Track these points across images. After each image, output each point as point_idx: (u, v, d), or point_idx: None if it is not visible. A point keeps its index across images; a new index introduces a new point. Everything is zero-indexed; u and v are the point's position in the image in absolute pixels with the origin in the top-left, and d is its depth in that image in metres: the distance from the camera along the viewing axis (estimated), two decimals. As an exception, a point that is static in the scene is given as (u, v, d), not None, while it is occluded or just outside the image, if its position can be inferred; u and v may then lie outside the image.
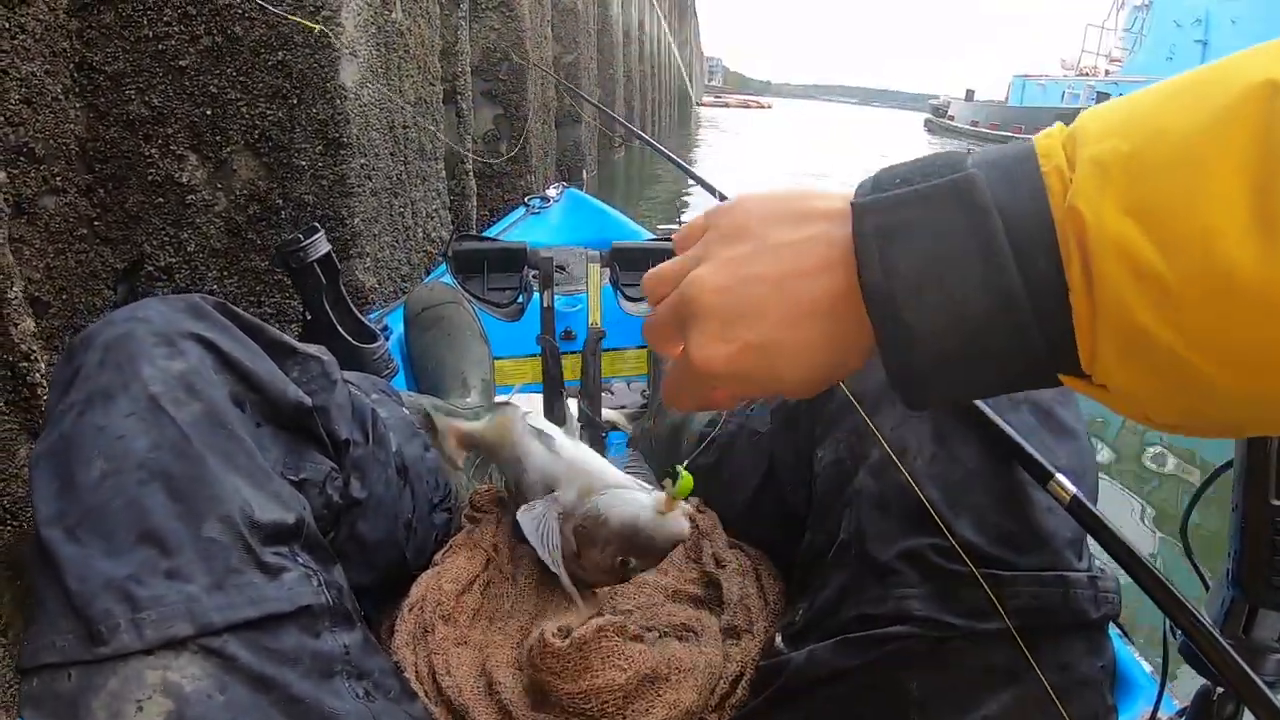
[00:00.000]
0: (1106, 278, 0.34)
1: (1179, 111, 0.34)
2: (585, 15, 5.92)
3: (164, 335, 0.61)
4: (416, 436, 0.94)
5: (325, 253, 1.19)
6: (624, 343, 1.75)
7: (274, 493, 0.61)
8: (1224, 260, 0.31)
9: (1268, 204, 0.30)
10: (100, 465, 0.54)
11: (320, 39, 1.55)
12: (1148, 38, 17.56)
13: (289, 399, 0.68)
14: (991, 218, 0.37)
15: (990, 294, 0.36)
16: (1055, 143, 0.37)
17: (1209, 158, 0.32)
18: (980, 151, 0.40)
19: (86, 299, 1.48)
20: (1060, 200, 0.35)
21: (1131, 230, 0.33)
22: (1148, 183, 0.33)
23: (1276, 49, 0.33)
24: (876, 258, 0.39)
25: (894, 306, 0.38)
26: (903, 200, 0.39)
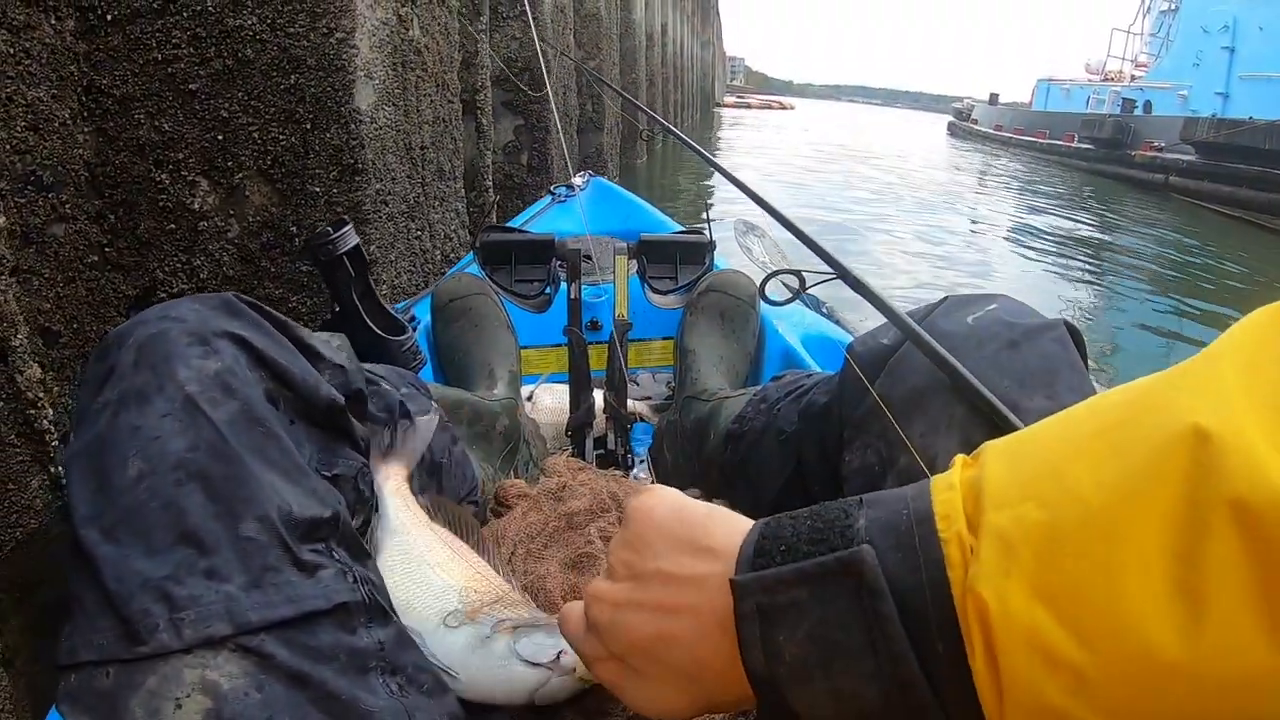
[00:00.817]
0: (1016, 667, 0.31)
1: (1096, 466, 0.32)
2: (608, 20, 5.89)
3: (198, 334, 0.61)
4: (445, 430, 0.95)
5: (354, 245, 1.18)
6: (650, 334, 1.74)
7: (310, 489, 0.61)
8: (1144, 641, 0.29)
9: (1191, 576, 0.29)
10: (137, 465, 0.54)
11: (334, 60, 1.50)
12: (1174, 43, 17.32)
13: (322, 396, 0.68)
14: (883, 601, 0.35)
15: (884, 683, 0.35)
16: (955, 498, 0.35)
17: (1127, 526, 0.30)
18: (875, 504, 0.38)
19: (98, 327, 1.45)
20: (960, 575, 0.33)
21: (1042, 617, 0.31)
22: (1059, 562, 0.31)
23: (1198, 378, 0.32)
24: (758, 641, 0.38)
25: (777, 693, 0.37)
26: (783, 579, 0.37)
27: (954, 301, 0.79)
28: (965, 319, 0.74)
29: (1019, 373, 0.67)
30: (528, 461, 1.27)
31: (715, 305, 1.47)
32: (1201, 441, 0.29)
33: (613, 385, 1.39)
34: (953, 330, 0.73)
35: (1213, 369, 0.32)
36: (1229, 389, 0.31)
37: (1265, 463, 0.28)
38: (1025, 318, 0.73)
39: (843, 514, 0.39)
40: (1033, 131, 20.48)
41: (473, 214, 2.70)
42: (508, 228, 1.88)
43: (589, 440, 1.37)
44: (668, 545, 0.46)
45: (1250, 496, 0.28)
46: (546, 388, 1.59)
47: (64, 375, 1.37)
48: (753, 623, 0.38)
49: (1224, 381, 0.31)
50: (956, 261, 6.11)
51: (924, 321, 0.75)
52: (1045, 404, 0.64)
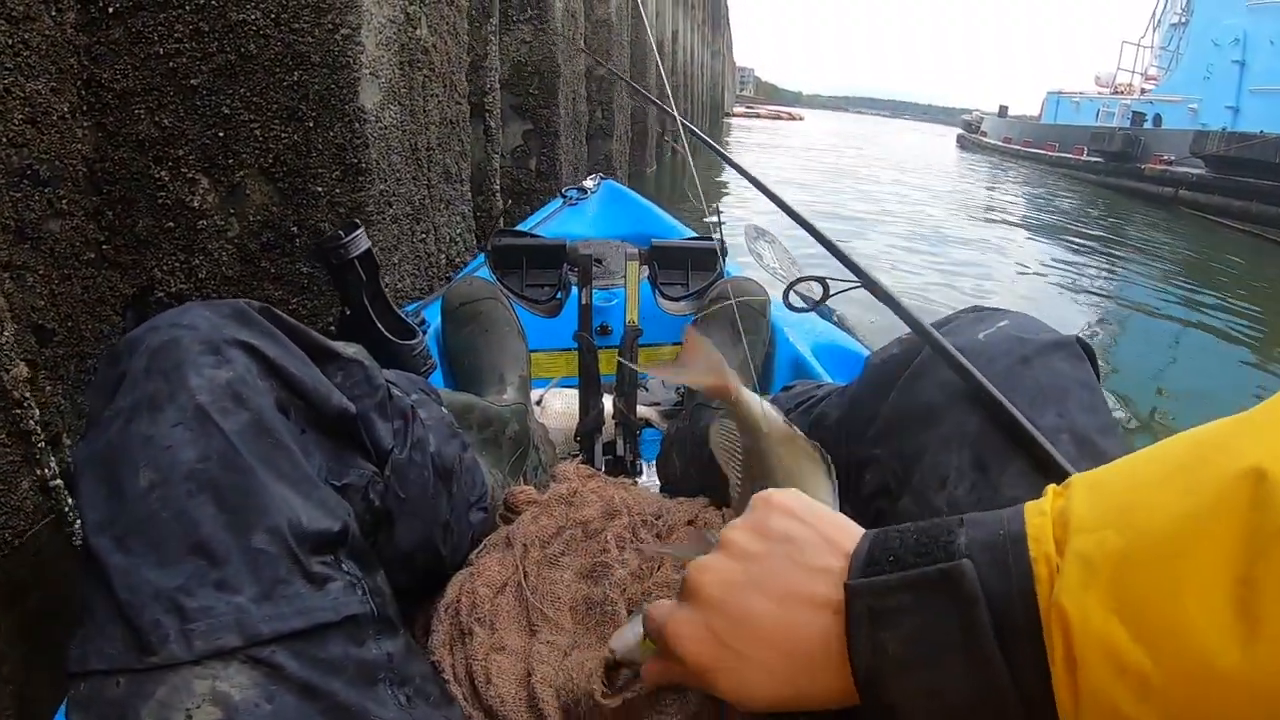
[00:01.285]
0: (1090, 672, 0.35)
1: (1166, 501, 0.36)
2: (619, 27, 5.87)
3: (210, 343, 0.60)
4: (455, 437, 0.94)
5: (366, 249, 1.18)
6: (660, 339, 1.74)
7: (320, 501, 0.61)
8: (1206, 655, 0.32)
9: (1250, 596, 0.32)
10: (148, 475, 0.54)
11: (339, 57, 1.48)
12: (1185, 57, 17.29)
13: (333, 405, 0.68)
14: (978, 608, 0.39)
15: (974, 682, 0.39)
16: (1045, 523, 0.39)
17: (1193, 553, 0.34)
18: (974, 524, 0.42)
19: (94, 326, 1.42)
20: (1047, 590, 0.38)
21: (1116, 628, 0.35)
22: (1133, 581, 0.35)
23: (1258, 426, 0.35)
24: (866, 638, 0.42)
25: (879, 685, 0.41)
26: (892, 587, 0.42)
27: (966, 317, 0.79)
28: (977, 334, 0.74)
29: (1030, 390, 0.67)
30: (537, 467, 1.26)
31: (726, 313, 1.45)
32: (1260, 480, 0.33)
33: (622, 391, 1.39)
34: (964, 345, 0.72)
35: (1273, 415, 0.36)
36: None
37: None
38: (1037, 334, 0.73)
39: (946, 531, 0.43)
40: (1042, 144, 20.47)
41: (479, 218, 2.67)
42: (519, 231, 1.89)
43: (598, 445, 1.38)
44: (803, 536, 0.49)
45: None
46: (556, 392, 1.60)
47: (58, 374, 1.34)
48: (863, 623, 0.42)
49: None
50: (964, 273, 6.08)
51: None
52: (1056, 421, 0.65)
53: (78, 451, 0.58)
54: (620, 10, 5.98)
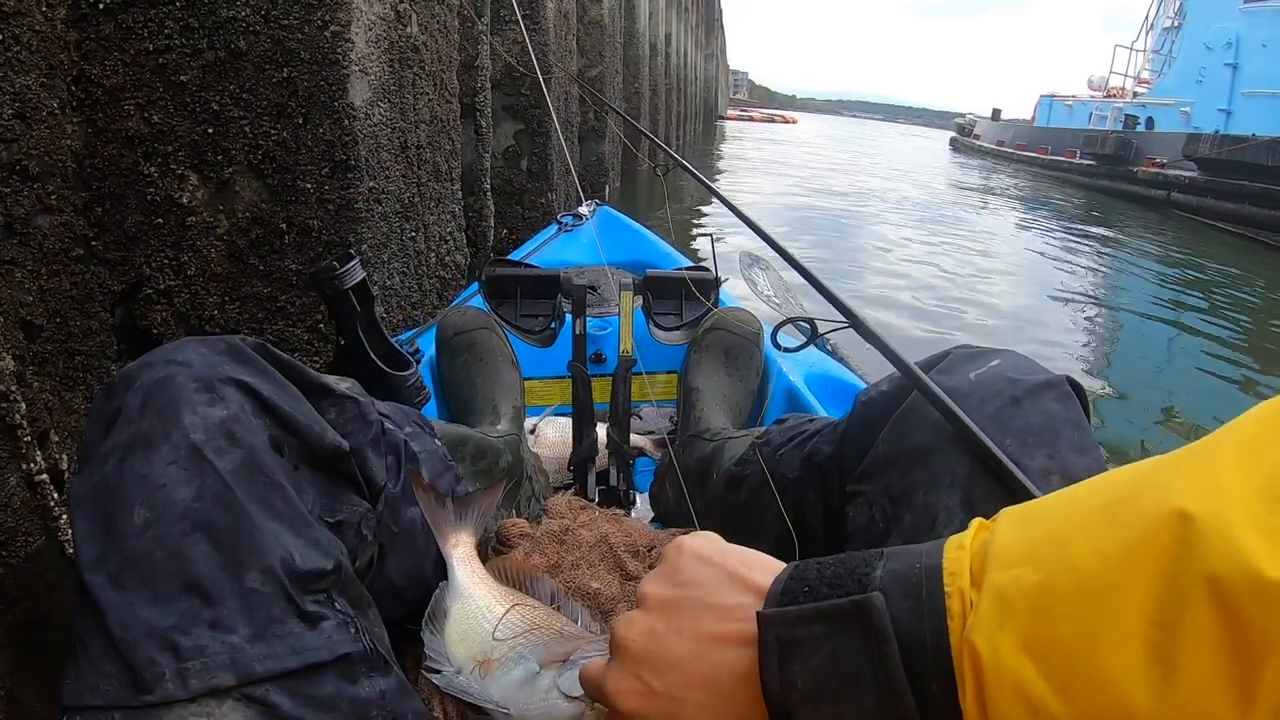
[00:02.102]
0: (1001, 713, 0.35)
1: (1091, 539, 0.35)
2: (612, 28, 5.88)
3: (204, 380, 0.61)
4: (449, 470, 0.96)
5: (360, 280, 1.18)
6: (654, 368, 1.74)
7: (313, 540, 0.61)
8: (1121, 701, 0.32)
9: (1167, 641, 0.32)
10: (143, 513, 0.55)
11: (328, 54, 1.48)
12: (1177, 60, 17.31)
13: (327, 442, 0.69)
14: (888, 644, 0.39)
15: (883, 717, 0.38)
16: (964, 557, 0.39)
17: (1112, 594, 0.33)
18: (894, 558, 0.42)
19: (82, 322, 1.42)
20: (959, 625, 0.37)
21: (1029, 670, 0.34)
22: (1049, 621, 0.35)
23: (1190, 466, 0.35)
24: (776, 669, 0.42)
25: (788, 716, 0.41)
26: (803, 617, 0.42)
27: (958, 355, 0.79)
28: (968, 374, 0.75)
29: (1020, 431, 0.68)
30: (530, 497, 1.26)
31: (719, 343, 1.47)
32: (1185, 523, 0.32)
33: (616, 421, 1.39)
34: (955, 386, 0.73)
35: (1211, 454, 0.35)
36: (1222, 474, 0.33)
37: (1242, 544, 0.31)
38: (1027, 374, 0.73)
39: (863, 563, 0.43)
40: (1035, 147, 20.51)
41: (470, 218, 2.67)
42: (513, 261, 1.88)
43: (592, 475, 1.37)
44: (712, 579, 0.50)
45: (1225, 575, 0.31)
46: (550, 420, 1.60)
47: (45, 370, 1.34)
48: (773, 652, 0.42)
49: (1219, 466, 0.34)
50: (956, 280, 6.09)
51: (928, 374, 0.76)
52: (1046, 463, 0.65)
53: (73, 485, 0.58)
54: (613, 12, 5.99)
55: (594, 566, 0.96)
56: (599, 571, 0.96)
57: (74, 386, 1.39)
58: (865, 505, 0.78)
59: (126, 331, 1.49)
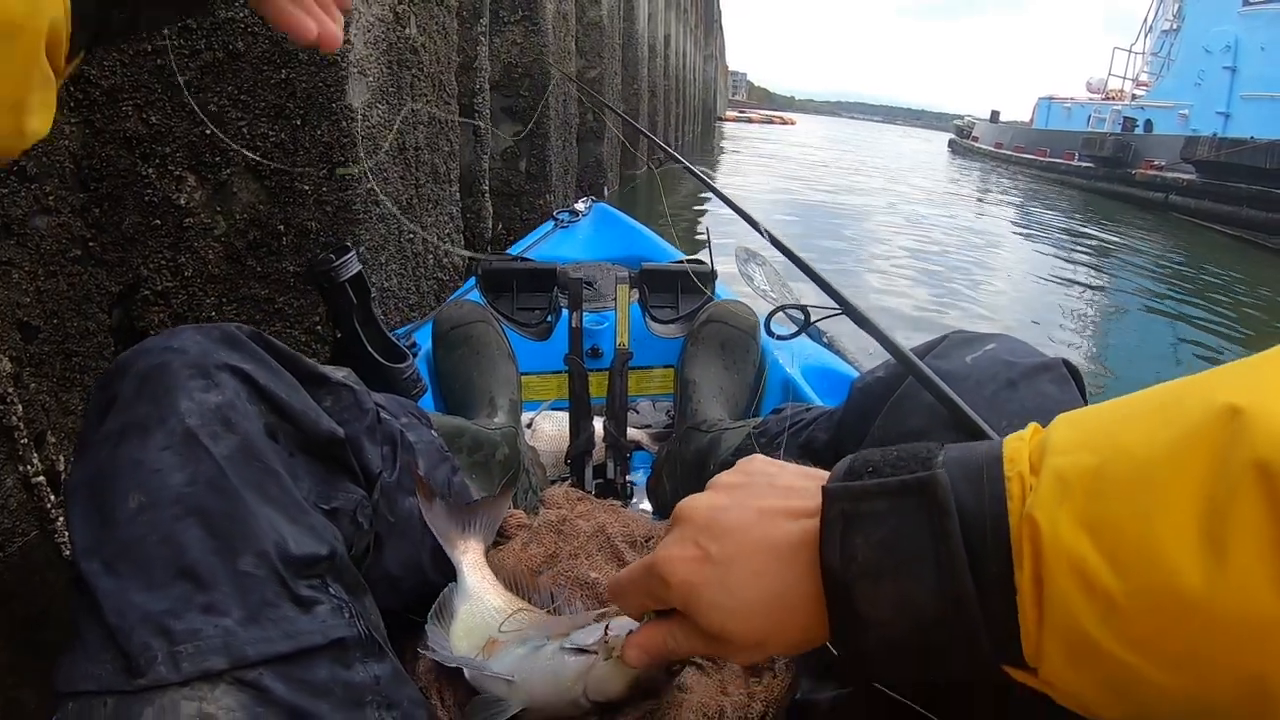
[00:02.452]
0: (1057, 587, 0.36)
1: (1144, 431, 0.37)
2: (611, 29, 5.87)
3: (200, 367, 0.61)
4: (445, 460, 0.96)
5: (356, 272, 1.20)
6: (651, 362, 1.75)
7: (308, 525, 0.62)
8: (1172, 578, 0.33)
9: (1217, 525, 0.32)
10: (137, 499, 0.55)
11: (326, 55, 1.47)
12: (1176, 63, 17.31)
13: (322, 430, 0.69)
14: (950, 519, 0.39)
15: (942, 594, 0.39)
16: (1023, 448, 0.40)
17: (1167, 479, 0.34)
18: (953, 448, 0.43)
19: (79, 323, 1.41)
20: (1019, 506, 0.38)
21: (1085, 544, 0.35)
22: (1106, 500, 0.36)
23: (1238, 370, 0.36)
24: (837, 542, 0.42)
25: (847, 590, 0.42)
26: (868, 491, 0.43)
27: (953, 340, 0.80)
28: (964, 358, 0.75)
29: (1016, 413, 0.68)
30: (527, 490, 1.26)
31: (716, 335, 1.48)
32: (1233, 415, 0.33)
33: (613, 414, 1.40)
34: (951, 370, 0.73)
35: (1262, 361, 0.36)
36: (1267, 378, 0.35)
37: None
38: (1024, 357, 0.73)
39: (925, 450, 0.44)
40: (1033, 149, 20.51)
41: (468, 219, 2.67)
42: (510, 255, 1.90)
43: (588, 468, 1.38)
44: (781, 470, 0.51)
45: (1271, 458, 0.32)
46: (547, 415, 1.60)
47: (42, 372, 1.34)
48: (836, 526, 0.43)
49: (1264, 372, 0.35)
50: (954, 278, 6.09)
51: (924, 359, 0.76)
52: None
53: (69, 476, 0.59)
54: (612, 13, 5.98)
55: (592, 557, 0.97)
56: (597, 561, 0.96)
57: (71, 388, 1.38)
58: None
59: (124, 333, 1.49)
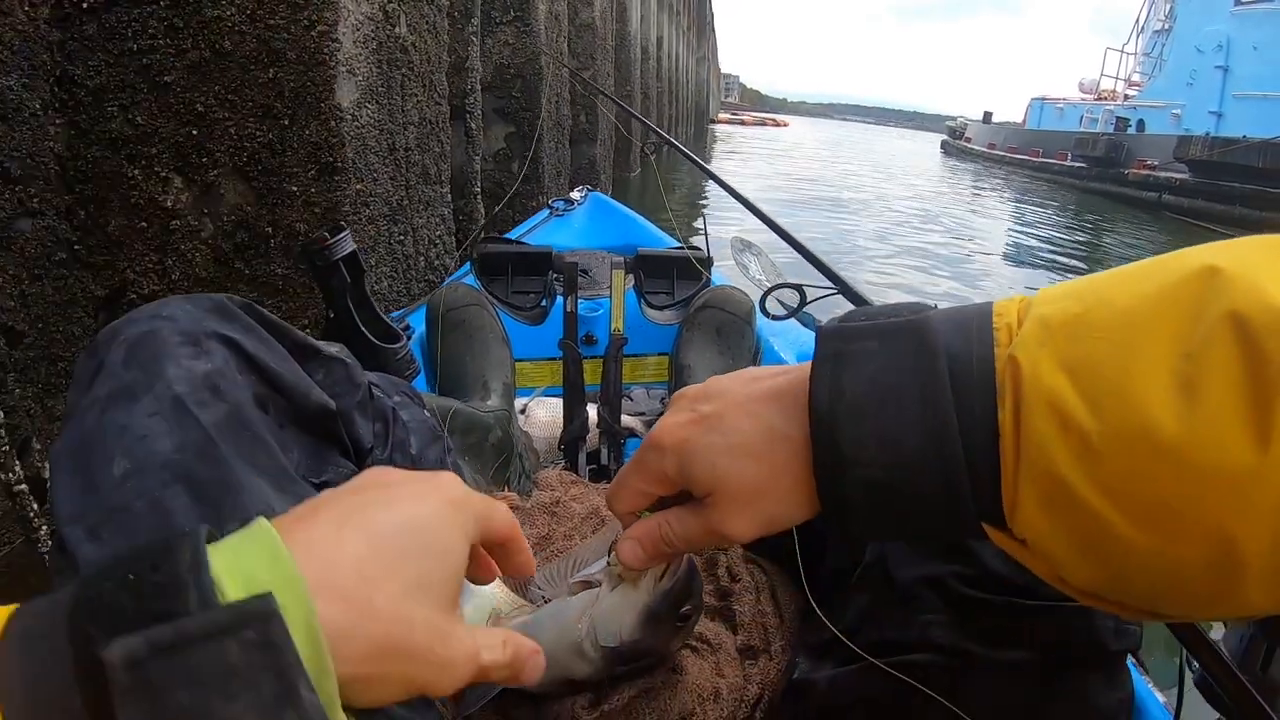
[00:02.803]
0: (1034, 426, 0.37)
1: (1127, 286, 0.38)
2: (603, 31, 5.87)
3: (190, 334, 0.60)
4: (438, 440, 0.94)
5: (350, 251, 1.18)
6: (645, 349, 1.74)
7: (297, 496, 0.60)
8: (1146, 422, 0.34)
9: (1193, 371, 0.34)
10: (123, 464, 0.54)
11: (315, 54, 1.46)
12: (1168, 62, 17.39)
13: (313, 401, 0.68)
14: (939, 359, 0.40)
15: (925, 432, 0.40)
16: (1012, 305, 0.41)
17: (1146, 326, 0.36)
18: (942, 308, 0.43)
19: (65, 327, 1.40)
20: (1004, 353, 0.39)
21: (1063, 384, 0.36)
22: (1086, 343, 0.37)
23: (1219, 246, 0.37)
24: (828, 378, 0.43)
25: (832, 427, 0.42)
26: (862, 332, 0.43)
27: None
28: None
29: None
30: (520, 474, 1.25)
31: (711, 321, 1.48)
32: (1213, 274, 0.35)
33: (607, 400, 1.39)
34: None
35: (1239, 240, 0.37)
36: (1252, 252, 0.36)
37: (1265, 287, 0.33)
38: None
39: (920, 305, 0.44)
40: (1026, 150, 20.55)
41: (460, 221, 2.65)
42: (505, 239, 1.89)
43: (582, 454, 1.37)
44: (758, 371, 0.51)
45: (1247, 310, 0.33)
46: (540, 401, 1.60)
47: (27, 377, 1.32)
48: (827, 364, 0.43)
49: (1244, 245, 0.37)
50: (948, 273, 6.10)
51: None
52: None
53: (54, 447, 0.57)
54: (604, 14, 5.97)
55: (586, 538, 0.96)
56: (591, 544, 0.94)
57: (56, 393, 1.36)
58: None
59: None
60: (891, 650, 0.66)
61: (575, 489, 1.09)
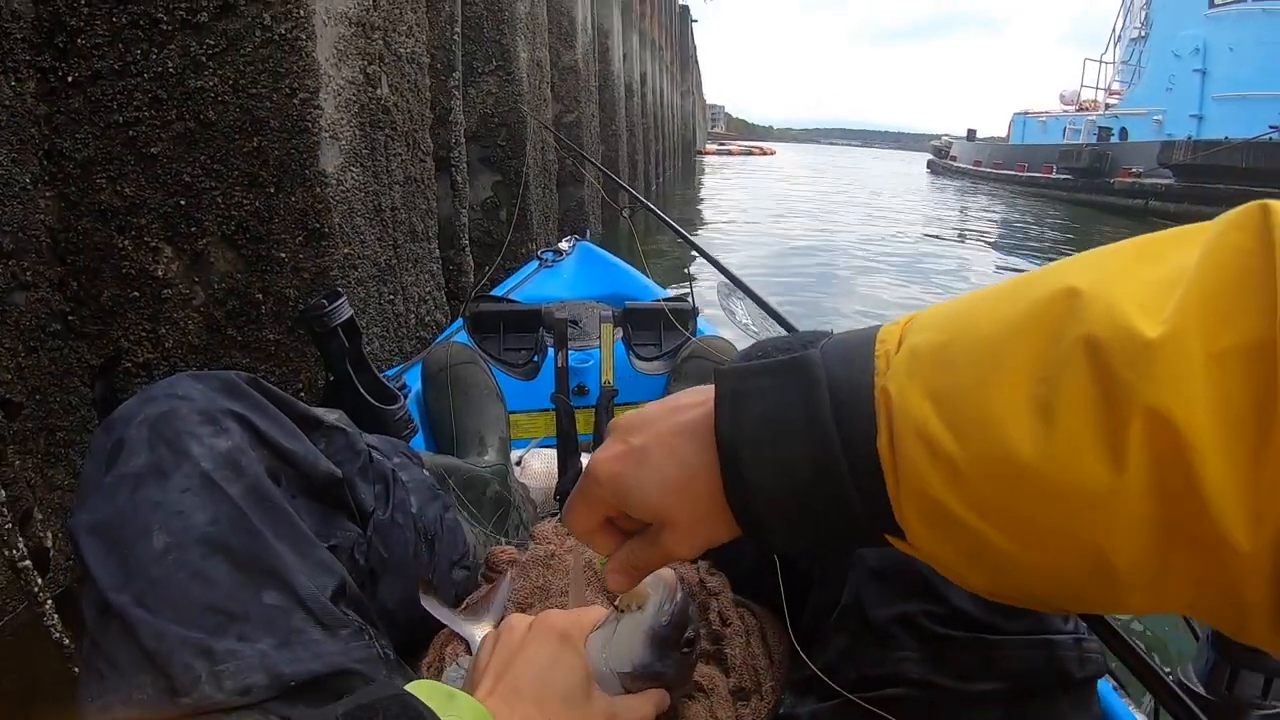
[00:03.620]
0: (905, 452, 0.39)
1: (992, 309, 0.40)
2: (586, 72, 5.92)
3: (207, 413, 0.64)
4: (437, 498, 0.98)
5: (348, 317, 1.23)
6: (636, 398, 1.78)
7: (318, 559, 0.65)
8: (1006, 444, 0.36)
9: (1048, 394, 0.35)
10: (163, 539, 0.58)
11: (297, 121, 1.49)
12: (1146, 69, 17.48)
13: (321, 471, 0.72)
14: (820, 389, 0.43)
15: (813, 457, 0.42)
16: (896, 329, 0.43)
17: (1005, 352, 0.37)
18: (839, 335, 0.47)
19: (62, 398, 1.41)
20: (882, 382, 0.41)
21: (929, 413, 0.38)
22: (950, 371, 0.38)
23: (1087, 260, 0.39)
24: (728, 414, 0.46)
25: (735, 457, 0.45)
26: (753, 370, 0.46)
27: None
28: None
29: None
30: (518, 525, 1.29)
31: (698, 371, 1.53)
32: (1073, 295, 0.36)
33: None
34: None
35: (1111, 252, 0.39)
36: (1117, 265, 0.37)
37: (1121, 309, 0.34)
38: None
39: (811, 336, 0.49)
40: (1011, 165, 20.66)
41: (450, 273, 2.68)
42: (496, 297, 1.93)
43: None
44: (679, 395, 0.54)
45: (1101, 334, 0.34)
46: (536, 452, 1.63)
47: (27, 449, 1.33)
48: (726, 401, 0.46)
49: (1115, 260, 0.38)
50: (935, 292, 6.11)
51: None
52: None
53: (78, 519, 0.60)
54: (586, 56, 6.04)
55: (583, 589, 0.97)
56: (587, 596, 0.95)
57: (56, 463, 1.38)
58: None
59: (107, 405, 1.49)
60: (869, 686, 0.69)
61: (571, 540, 1.10)
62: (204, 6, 1.42)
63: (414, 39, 2.11)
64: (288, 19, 1.46)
